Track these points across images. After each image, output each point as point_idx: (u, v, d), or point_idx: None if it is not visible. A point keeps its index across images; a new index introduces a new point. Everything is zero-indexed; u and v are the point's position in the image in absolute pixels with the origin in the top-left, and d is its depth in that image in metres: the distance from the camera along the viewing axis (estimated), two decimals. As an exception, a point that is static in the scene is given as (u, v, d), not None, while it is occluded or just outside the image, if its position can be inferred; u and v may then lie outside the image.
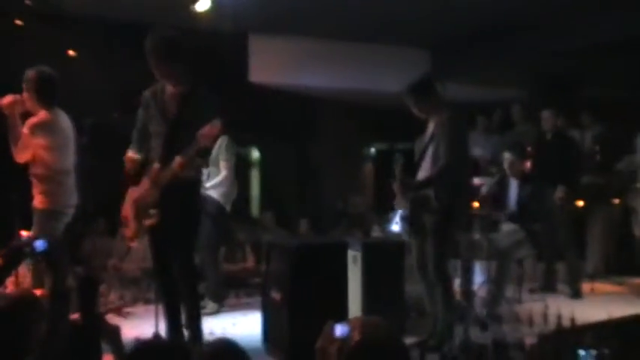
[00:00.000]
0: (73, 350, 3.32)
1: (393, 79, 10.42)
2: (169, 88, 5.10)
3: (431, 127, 5.37)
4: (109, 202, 9.06)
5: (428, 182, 5.20)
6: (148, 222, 5.05)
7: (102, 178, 7.63)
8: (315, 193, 11.35)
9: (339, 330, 3.02)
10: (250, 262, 8.72)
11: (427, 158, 5.29)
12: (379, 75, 10.29)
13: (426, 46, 10.45)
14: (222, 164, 7.10)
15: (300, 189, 11.39)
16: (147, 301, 7.64)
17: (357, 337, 2.73)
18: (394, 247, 5.88)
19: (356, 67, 10.29)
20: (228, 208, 7.18)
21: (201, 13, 7.25)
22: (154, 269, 5.38)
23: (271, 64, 9.51)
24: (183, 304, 5.07)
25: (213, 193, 7.04)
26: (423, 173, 5.30)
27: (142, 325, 6.35)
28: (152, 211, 5.01)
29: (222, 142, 7.08)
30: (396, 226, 6.18)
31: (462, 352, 4.92)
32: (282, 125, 10.80)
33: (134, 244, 5.59)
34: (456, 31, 9.38)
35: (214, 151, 7.02)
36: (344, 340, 2.86)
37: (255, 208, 11.84)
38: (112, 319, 6.81)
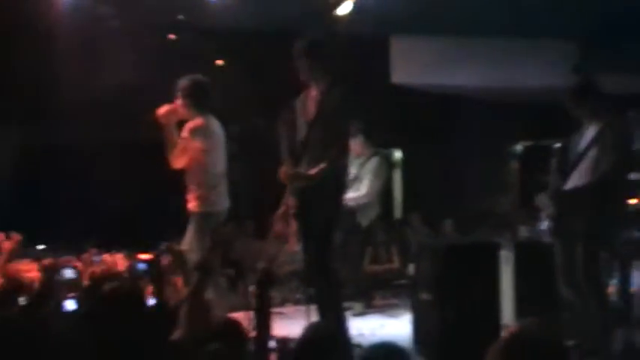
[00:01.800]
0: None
1: (537, 74, 10.17)
2: (312, 92, 5.19)
3: (591, 131, 5.18)
4: (257, 205, 9.38)
5: (587, 189, 5.02)
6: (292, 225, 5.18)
7: (250, 181, 7.89)
8: (458, 193, 11.20)
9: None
10: (396, 263, 8.72)
11: (586, 162, 5.11)
12: (522, 70, 10.03)
13: (572, 37, 10.08)
14: (366, 183, 7.16)
15: (443, 189, 11.28)
16: (296, 302, 7.82)
17: (520, 339, 2.68)
18: (546, 247, 5.71)
19: (498, 63, 10.07)
20: (364, 224, 7.21)
21: (343, 17, 7.33)
22: (305, 271, 5.49)
23: (413, 65, 9.49)
24: (327, 305, 5.11)
25: (353, 204, 7.08)
26: (578, 176, 5.12)
27: (291, 325, 6.49)
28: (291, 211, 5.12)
29: (372, 160, 7.14)
30: (546, 226, 6.00)
31: (625, 357, 4.71)
32: (424, 125, 10.75)
33: (291, 247, 5.69)
34: (606, 20, 8.98)
35: (362, 165, 7.09)
36: (506, 342, 2.82)
37: (397, 210, 11.81)
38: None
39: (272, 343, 5.04)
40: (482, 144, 11.37)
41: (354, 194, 7.12)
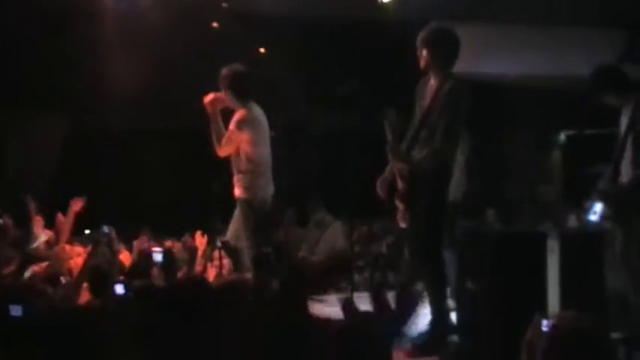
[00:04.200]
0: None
1: (582, 62, 9.97)
2: (431, 80, 5.17)
3: (626, 114, 5.09)
4: (299, 193, 9.44)
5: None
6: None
7: (292, 169, 7.90)
8: (501, 182, 11.12)
9: (547, 324, 2.95)
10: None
11: (628, 149, 5.03)
12: (566, 59, 9.87)
13: (618, 26, 9.90)
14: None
15: (486, 178, 11.21)
16: (338, 290, 7.84)
17: (564, 332, 2.66)
18: (594, 238, 5.64)
19: (542, 51, 9.93)
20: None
21: (386, 4, 7.29)
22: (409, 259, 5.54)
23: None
24: (429, 296, 5.12)
25: None
26: (625, 165, 5.04)
27: (334, 313, 6.53)
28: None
29: None
30: (593, 216, 5.90)
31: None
32: (467, 114, 10.67)
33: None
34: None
35: None
36: (551, 334, 2.80)
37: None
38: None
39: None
40: (525, 133, 11.28)
41: None
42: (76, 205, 6.84)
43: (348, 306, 3.88)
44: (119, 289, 4.07)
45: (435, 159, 5.00)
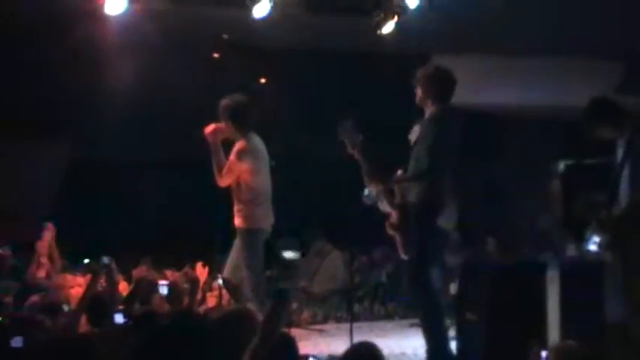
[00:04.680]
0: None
1: (580, 93, 10.03)
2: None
3: (622, 144, 5.13)
4: (298, 222, 9.43)
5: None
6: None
7: (291, 198, 7.92)
8: (501, 212, 11.12)
9: (546, 355, 2.95)
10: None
11: (624, 178, 5.04)
12: (564, 89, 9.93)
13: (616, 57, 9.97)
14: None
15: (485, 207, 11.21)
16: (338, 320, 7.83)
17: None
18: (593, 268, 5.64)
19: (540, 82, 10.00)
20: None
21: (386, 36, 7.35)
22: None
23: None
24: (424, 325, 5.19)
25: None
26: (623, 194, 5.05)
27: (334, 342, 6.52)
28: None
29: None
30: (593, 246, 5.91)
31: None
32: (466, 144, 10.70)
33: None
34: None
35: None
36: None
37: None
38: (307, 335, 7.04)
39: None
40: (525, 162, 11.30)
41: None
42: (49, 231, 6.94)
43: None
44: (118, 318, 4.07)
45: (416, 178, 5.19)
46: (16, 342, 3.41)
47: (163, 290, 5.52)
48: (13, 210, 8.91)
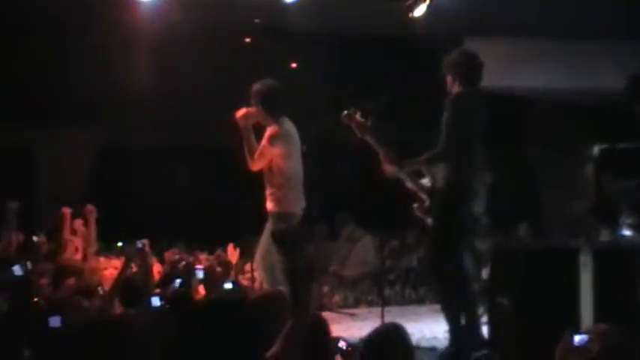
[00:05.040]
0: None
1: (614, 75, 9.92)
2: None
3: None
4: (329, 207, 9.45)
5: None
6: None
7: (322, 183, 7.94)
8: (533, 197, 11.05)
9: (578, 339, 2.93)
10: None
11: None
12: (598, 72, 9.82)
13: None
14: None
15: (517, 192, 11.14)
16: (369, 304, 7.85)
17: (597, 347, 2.65)
18: (627, 252, 5.58)
19: (574, 65, 9.90)
20: None
21: (417, 19, 7.32)
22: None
23: (487, 67, 9.37)
24: (444, 308, 5.24)
25: None
26: None
27: (365, 326, 6.53)
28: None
29: None
30: (627, 231, 5.85)
31: None
32: (499, 128, 10.63)
33: None
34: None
35: None
36: (583, 349, 2.78)
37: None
38: (338, 319, 7.08)
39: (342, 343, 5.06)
40: (559, 147, 11.20)
41: None
42: (91, 212, 7.00)
43: None
44: (155, 301, 4.12)
45: (430, 160, 5.21)
46: (55, 321, 3.47)
47: (199, 275, 5.62)
48: (51, 195, 9.05)
